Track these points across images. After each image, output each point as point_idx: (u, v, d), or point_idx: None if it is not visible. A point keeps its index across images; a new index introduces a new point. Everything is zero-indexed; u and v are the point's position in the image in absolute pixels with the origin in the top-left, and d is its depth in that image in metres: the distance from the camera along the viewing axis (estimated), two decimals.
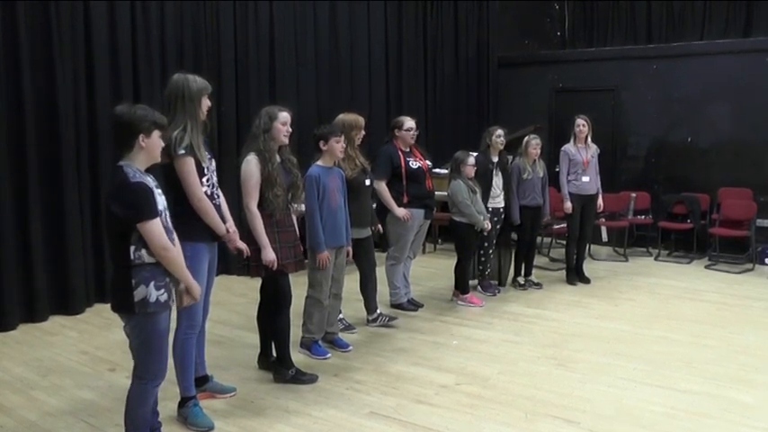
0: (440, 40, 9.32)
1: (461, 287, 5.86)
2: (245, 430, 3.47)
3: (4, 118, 5.02)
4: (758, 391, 3.99)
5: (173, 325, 3.08)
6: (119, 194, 2.76)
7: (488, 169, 5.96)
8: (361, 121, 4.85)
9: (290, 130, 3.91)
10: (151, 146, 2.79)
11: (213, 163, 3.54)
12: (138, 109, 2.81)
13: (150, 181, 2.81)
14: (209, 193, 3.41)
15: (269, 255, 3.77)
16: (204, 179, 3.39)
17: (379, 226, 5.25)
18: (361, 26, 8.11)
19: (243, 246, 3.66)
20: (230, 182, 4.65)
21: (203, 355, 3.81)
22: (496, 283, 6.36)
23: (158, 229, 2.73)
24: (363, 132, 4.86)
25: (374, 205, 5.24)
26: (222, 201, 3.61)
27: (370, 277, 5.11)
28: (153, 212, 2.72)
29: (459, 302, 5.86)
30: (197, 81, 3.39)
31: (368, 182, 4.85)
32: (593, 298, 6.16)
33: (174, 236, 2.95)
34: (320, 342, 4.58)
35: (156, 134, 2.79)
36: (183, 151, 3.26)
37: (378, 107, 8.28)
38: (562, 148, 6.63)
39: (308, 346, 4.53)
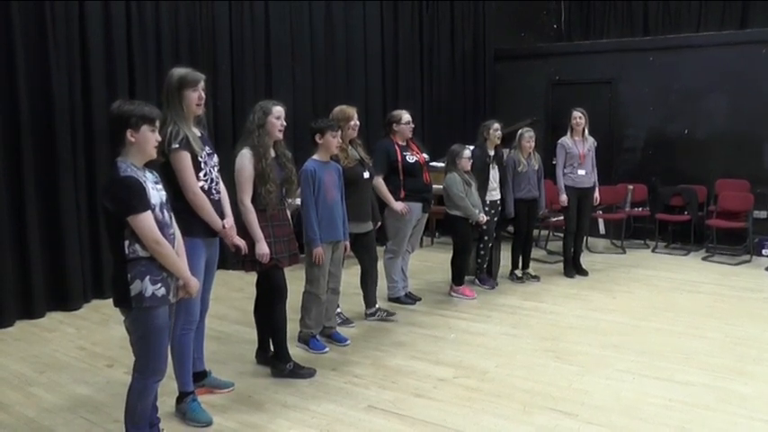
0: (436, 33, 9.30)
1: (456, 279, 5.87)
2: (244, 425, 3.46)
3: (0, 116, 5.00)
4: (756, 382, 4.00)
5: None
6: (110, 189, 2.76)
7: (485, 163, 5.96)
8: (349, 111, 4.78)
9: (285, 124, 3.89)
10: (141, 140, 2.77)
11: (214, 158, 3.51)
12: (128, 104, 2.80)
13: (144, 175, 2.80)
14: (206, 187, 3.39)
15: (262, 248, 3.76)
16: (201, 173, 3.37)
17: (378, 222, 5.25)
18: (356, 19, 8.07)
19: (240, 242, 3.66)
20: (226, 177, 4.65)
21: (202, 350, 3.80)
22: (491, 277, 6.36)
23: (149, 223, 2.72)
24: (356, 123, 4.79)
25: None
26: (223, 196, 3.59)
27: (370, 272, 5.11)
28: (142, 206, 2.71)
29: (453, 294, 5.88)
30: (180, 73, 3.36)
31: (366, 175, 4.82)
32: (590, 290, 6.17)
33: (173, 231, 2.94)
34: (318, 337, 4.57)
35: (145, 128, 2.77)
36: (177, 145, 3.25)
37: (374, 102, 8.26)
38: (559, 141, 6.63)
39: (305, 340, 4.53)
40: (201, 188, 3.36)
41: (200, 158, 3.36)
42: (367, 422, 3.50)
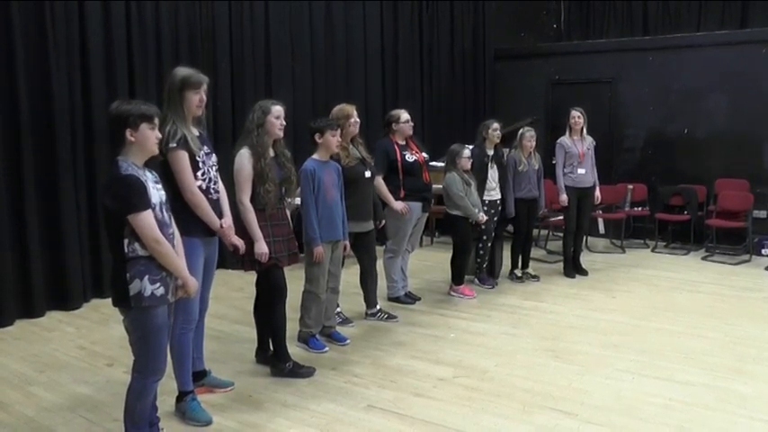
0: (436, 33, 9.30)
1: (456, 279, 5.87)
2: (244, 424, 3.46)
3: (0, 116, 5.00)
4: (755, 381, 4.00)
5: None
6: (110, 187, 2.78)
7: (484, 162, 5.96)
8: (348, 109, 4.77)
9: (284, 123, 3.89)
10: (141, 139, 2.77)
11: (213, 158, 3.52)
12: (126, 104, 2.81)
13: (144, 174, 2.80)
14: (204, 187, 3.39)
15: (261, 248, 3.76)
16: (199, 173, 3.37)
17: (383, 221, 5.26)
18: (356, 19, 8.08)
19: (238, 242, 3.65)
20: (225, 176, 4.70)
21: (202, 349, 3.80)
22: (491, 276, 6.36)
23: (149, 222, 2.73)
24: (356, 120, 4.78)
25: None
26: (222, 195, 3.58)
27: (370, 272, 5.10)
28: (143, 204, 2.71)
29: (452, 293, 5.88)
30: (183, 74, 3.36)
31: (368, 174, 4.81)
32: (590, 290, 6.17)
33: (173, 230, 2.95)
34: (317, 336, 4.57)
35: (144, 127, 2.77)
36: (174, 144, 3.26)
37: (374, 102, 8.26)
38: (558, 141, 6.63)
39: (305, 339, 4.53)
40: (199, 187, 3.36)
41: (197, 158, 3.36)
42: (366, 421, 3.50)
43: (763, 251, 7.59)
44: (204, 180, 3.41)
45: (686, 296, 5.98)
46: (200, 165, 3.38)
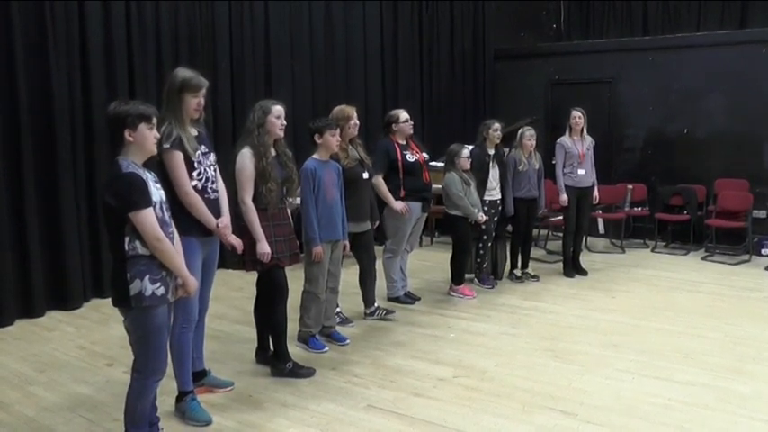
0: (436, 33, 9.30)
1: (456, 279, 5.87)
2: (244, 424, 3.46)
3: (0, 116, 5.01)
4: (755, 381, 4.00)
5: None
6: (112, 185, 2.78)
7: (485, 162, 5.96)
8: (348, 111, 4.78)
9: (285, 123, 3.89)
10: (139, 139, 2.78)
11: (211, 157, 3.52)
12: (123, 104, 2.81)
13: (144, 173, 2.81)
14: (199, 187, 3.39)
15: (263, 248, 3.77)
16: (194, 173, 3.37)
17: (377, 221, 5.26)
18: (356, 19, 8.08)
19: (236, 241, 3.64)
20: (225, 177, 4.70)
21: (202, 349, 3.81)
22: (492, 276, 6.36)
23: (150, 220, 2.73)
24: (355, 122, 4.80)
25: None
26: (221, 195, 3.58)
27: (369, 271, 5.11)
28: (144, 202, 2.72)
29: (452, 293, 5.88)
30: (183, 77, 3.36)
31: (365, 175, 4.83)
32: (590, 290, 6.17)
33: (172, 230, 2.95)
34: (317, 336, 4.58)
35: (142, 127, 2.78)
36: (168, 145, 3.26)
37: (374, 102, 8.25)
38: (558, 141, 6.63)
39: (305, 339, 4.53)
40: (195, 187, 3.36)
41: (193, 159, 3.36)
42: (366, 421, 3.50)
43: (762, 251, 7.59)
44: (200, 180, 3.41)
45: (686, 296, 5.98)
46: (196, 165, 3.38)
